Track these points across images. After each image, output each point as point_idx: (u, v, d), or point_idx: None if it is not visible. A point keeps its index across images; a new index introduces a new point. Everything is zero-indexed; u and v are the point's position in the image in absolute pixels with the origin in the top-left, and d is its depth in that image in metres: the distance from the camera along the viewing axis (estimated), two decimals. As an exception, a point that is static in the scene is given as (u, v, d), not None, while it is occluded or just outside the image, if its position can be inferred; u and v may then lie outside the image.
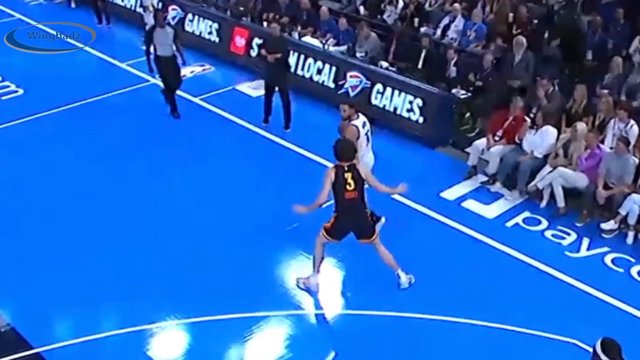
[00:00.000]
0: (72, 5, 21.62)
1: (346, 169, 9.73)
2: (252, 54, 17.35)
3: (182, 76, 15.01)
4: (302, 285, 10.41)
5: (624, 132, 12.34)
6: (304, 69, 16.24)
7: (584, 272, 10.84)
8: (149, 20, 18.49)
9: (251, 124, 14.84)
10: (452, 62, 15.32)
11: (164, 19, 15.06)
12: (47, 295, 10.13)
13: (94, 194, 12.44)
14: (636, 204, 11.44)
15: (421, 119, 14.40)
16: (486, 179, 13.10)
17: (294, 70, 15.84)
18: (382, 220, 11.23)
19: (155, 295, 10.13)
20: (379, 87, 15.01)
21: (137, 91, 16.44)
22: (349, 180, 9.69)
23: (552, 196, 12.31)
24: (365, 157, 11.08)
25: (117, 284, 10.34)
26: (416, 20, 17.40)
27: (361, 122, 11.20)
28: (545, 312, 10.03)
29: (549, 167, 12.36)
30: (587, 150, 12.12)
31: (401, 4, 17.78)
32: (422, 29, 17.06)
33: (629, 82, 13.96)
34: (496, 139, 13.05)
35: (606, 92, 13.74)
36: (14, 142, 14.14)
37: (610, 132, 12.63)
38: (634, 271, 10.95)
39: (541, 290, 10.53)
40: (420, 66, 15.70)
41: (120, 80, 16.83)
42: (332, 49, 16.66)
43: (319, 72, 16.06)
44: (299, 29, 17.72)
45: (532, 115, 13.16)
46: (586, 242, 11.59)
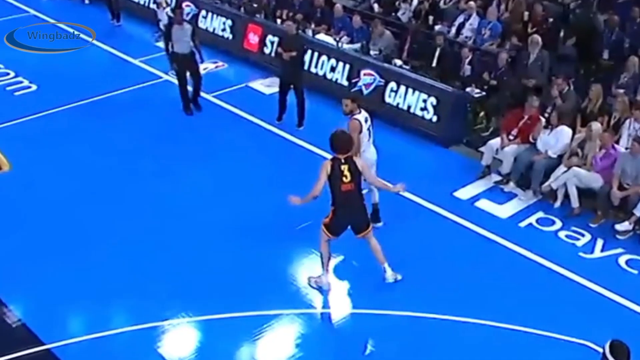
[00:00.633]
0: (86, 1, 21.62)
1: (343, 161, 9.71)
2: (266, 51, 17.32)
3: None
4: (313, 284, 10.38)
5: (639, 132, 12.24)
6: (317, 67, 16.18)
7: (598, 273, 10.75)
8: (162, 16, 18.51)
9: (264, 121, 14.80)
10: (467, 60, 15.23)
11: (181, 16, 14.98)
12: (58, 291, 10.14)
13: (106, 191, 12.44)
14: (651, 205, 11.37)
15: (435, 118, 14.33)
16: (500, 178, 13.02)
17: (307, 67, 15.79)
18: (380, 224, 11.33)
19: (166, 292, 10.13)
20: (392, 85, 14.95)
21: (149, 88, 16.42)
22: (346, 172, 9.68)
23: (567, 196, 12.22)
24: (366, 152, 11.06)
25: (128, 281, 10.33)
26: (431, 18, 17.30)
27: (363, 117, 11.18)
28: (558, 313, 9.96)
29: (563, 167, 12.27)
30: (602, 150, 12.03)
31: (415, 1, 17.71)
32: (437, 27, 16.97)
33: (646, 81, 13.87)
34: (510, 138, 12.97)
35: (622, 91, 13.64)
36: (27, 137, 14.14)
37: (625, 132, 12.54)
38: (649, 273, 10.88)
39: (554, 291, 10.46)
40: (434, 64, 15.61)
41: (133, 76, 16.82)
42: (345, 46, 16.61)
43: (333, 69, 16.01)
44: (313, 26, 17.66)
45: (546, 114, 13.07)
46: (600, 243, 11.49)
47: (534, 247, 11.25)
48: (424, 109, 14.45)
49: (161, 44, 18.30)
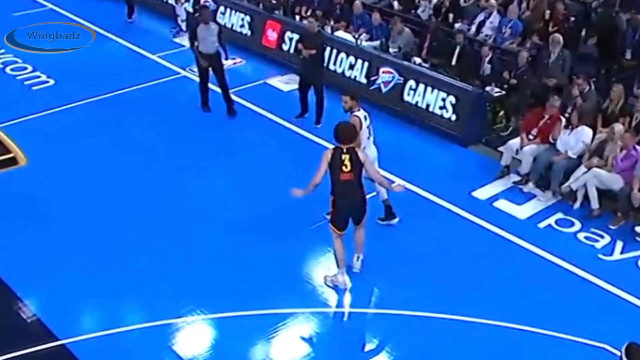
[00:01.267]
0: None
1: (344, 150, 9.78)
2: (284, 47, 17.25)
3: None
4: (329, 282, 10.33)
5: (661, 133, 12.12)
6: (336, 64, 16.09)
7: (617, 275, 10.64)
8: (181, 12, 18.52)
9: (282, 118, 14.74)
10: (487, 59, 15.11)
11: (208, 15, 14.89)
12: (74, 286, 10.14)
13: (123, 186, 12.42)
14: (673, 207, 11.23)
15: (454, 117, 14.22)
16: (519, 178, 12.91)
17: (326, 65, 15.70)
18: (396, 220, 11.33)
19: (181, 289, 10.11)
20: (411, 83, 14.85)
21: (167, 83, 16.38)
22: (346, 162, 9.74)
23: (586, 197, 12.10)
24: (367, 150, 10.99)
25: (143, 277, 10.32)
26: (451, 15, 17.18)
27: (363, 115, 11.23)
28: (576, 315, 9.88)
29: (583, 168, 12.14)
30: (622, 151, 11.89)
31: (435, -1, 17.62)
32: (457, 25, 16.85)
33: (668, 82, 13.71)
34: (530, 138, 12.85)
35: (644, 92, 13.51)
36: (44, 132, 14.14)
37: (647, 133, 12.40)
38: (669, 276, 10.74)
39: (572, 293, 10.37)
40: (454, 63, 15.50)
41: (150, 72, 16.79)
42: (364, 43, 16.51)
43: (351, 67, 15.91)
44: (332, 23, 17.58)
45: (567, 114, 12.93)
46: (620, 245, 11.37)
47: (552, 249, 11.15)
48: (443, 108, 14.35)
49: (179, 40, 18.36)
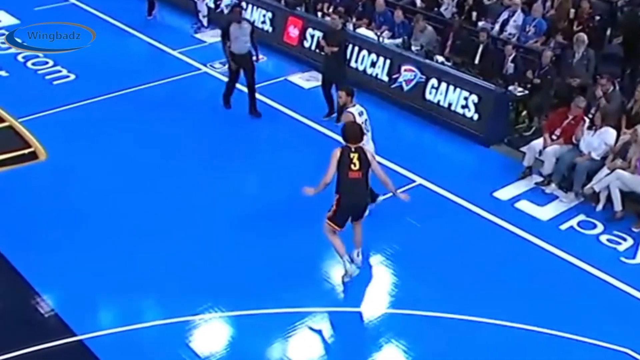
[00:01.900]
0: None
1: (353, 149, 9.91)
2: (306, 44, 17.17)
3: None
4: (346, 279, 10.28)
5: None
6: (357, 62, 16.00)
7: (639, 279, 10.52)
8: (202, 7, 18.48)
9: (302, 115, 14.66)
10: (510, 58, 14.96)
11: (240, 13, 14.79)
12: (92, 282, 10.13)
13: (142, 182, 12.41)
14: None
15: (476, 116, 14.10)
16: (541, 179, 12.77)
17: (347, 62, 15.61)
18: (380, 199, 11.32)
19: (199, 286, 10.10)
20: (433, 82, 14.73)
21: (188, 79, 16.35)
22: (355, 160, 9.87)
23: (609, 200, 11.96)
24: (365, 146, 10.86)
25: (162, 274, 10.30)
26: (474, 14, 17.05)
27: (357, 111, 11.30)
28: (597, 318, 9.80)
29: (606, 170, 12.00)
30: (647, 153, 11.76)
31: (459, -4, 17.48)
32: (480, 23, 16.71)
33: (694, 83, 13.52)
34: (553, 138, 12.71)
35: (669, 93, 13.30)
36: (65, 127, 14.15)
37: (672, 136, 12.22)
38: (692, 280, 10.60)
39: (594, 296, 10.28)
40: (476, 61, 15.36)
41: (171, 68, 16.76)
42: (386, 41, 16.41)
43: (373, 65, 15.82)
44: (354, 20, 17.48)
45: (590, 115, 12.78)
46: (643, 248, 11.25)
47: (574, 251, 11.05)
48: (465, 107, 14.23)
49: (200, 36, 18.33)
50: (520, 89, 14.53)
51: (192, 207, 11.76)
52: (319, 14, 18.10)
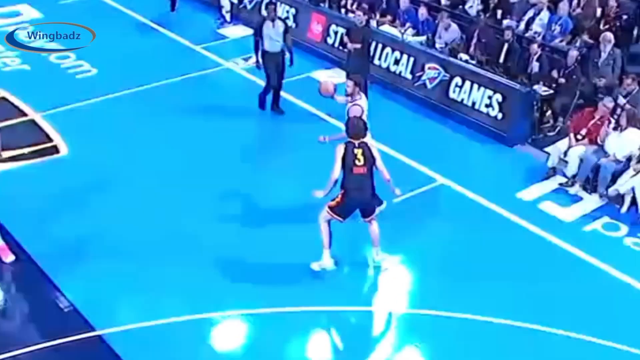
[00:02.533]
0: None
1: (357, 145, 9.92)
2: (329, 41, 17.09)
3: (256, 62, 14.71)
4: (318, 268, 10.33)
5: None
6: (381, 59, 15.90)
7: (666, 283, 10.43)
8: (225, 3, 18.42)
9: (325, 112, 14.55)
10: (535, 57, 14.80)
11: (275, 12, 14.64)
12: (112, 277, 10.12)
13: (163, 177, 12.37)
14: None
15: (500, 115, 13.97)
16: (565, 180, 12.63)
17: (370, 59, 15.52)
18: (383, 205, 11.07)
19: (220, 284, 10.08)
20: (457, 80, 14.61)
21: (210, 75, 16.32)
22: (359, 156, 9.89)
23: (634, 202, 11.82)
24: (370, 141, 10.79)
25: (183, 270, 10.26)
26: (499, 11, 16.90)
27: (365, 103, 11.39)
28: (620, 322, 9.70)
29: (631, 171, 11.86)
30: (673, 155, 11.61)
31: (484, -6, 17.33)
32: (505, 22, 16.55)
33: None
34: (579, 138, 12.57)
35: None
36: (87, 121, 14.15)
37: (698, 137, 12.07)
38: None
39: (618, 299, 10.17)
40: (501, 60, 15.21)
41: (194, 63, 16.74)
42: (410, 39, 16.30)
43: (397, 62, 15.71)
44: (378, 17, 17.39)
45: (616, 116, 12.62)
46: (668, 251, 11.12)
47: (598, 253, 10.94)
48: (489, 106, 14.10)
49: (223, 31, 18.29)
50: (545, 89, 14.37)
51: (211, 204, 11.72)
52: (343, 11, 18.00)
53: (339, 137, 10.59)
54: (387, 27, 16.84)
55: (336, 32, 16.84)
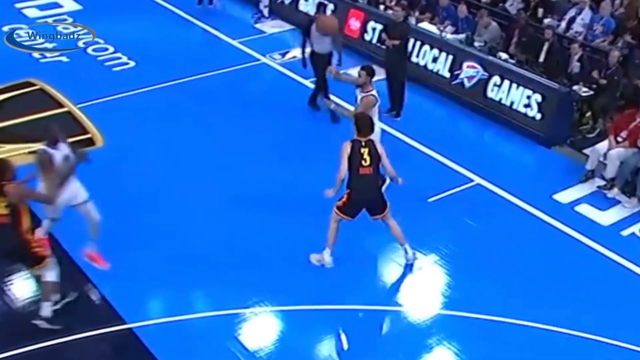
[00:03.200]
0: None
1: (363, 143, 9.83)
2: (366, 37, 16.98)
3: (293, 57, 14.62)
4: (316, 262, 10.30)
5: None
6: (419, 56, 15.76)
7: None
8: (264, -3, 18.42)
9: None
10: (576, 57, 14.58)
11: (324, 12, 14.50)
12: (144, 271, 10.15)
13: (197, 172, 12.36)
14: None
15: (539, 116, 13.77)
16: (603, 183, 12.43)
17: (408, 56, 15.39)
18: (387, 182, 11.03)
19: (251, 280, 10.04)
20: (496, 79, 14.43)
21: (247, 70, 16.27)
22: (365, 155, 9.79)
23: (674, 207, 11.62)
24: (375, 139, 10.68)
25: (215, 265, 10.27)
26: (540, 10, 16.67)
27: (376, 93, 11.35)
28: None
29: (672, 175, 11.65)
30: None
31: (525, -8, 17.10)
32: (546, 21, 16.33)
33: None
34: (619, 140, 12.34)
35: None
36: (123, 114, 14.18)
37: None
38: None
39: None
40: (541, 59, 15.01)
41: (231, 57, 16.71)
42: (449, 36, 16.14)
43: (435, 60, 15.56)
44: (417, 13, 17.24)
45: (658, 118, 12.41)
46: None
47: (635, 258, 10.75)
48: (527, 106, 13.91)
49: (260, 26, 18.27)
50: (585, 89, 14.15)
51: (245, 199, 11.68)
52: (381, 7, 17.87)
53: (350, 80, 11.15)
54: (425, 24, 16.70)
55: (374, 29, 16.73)
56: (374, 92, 11.32)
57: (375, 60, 15.93)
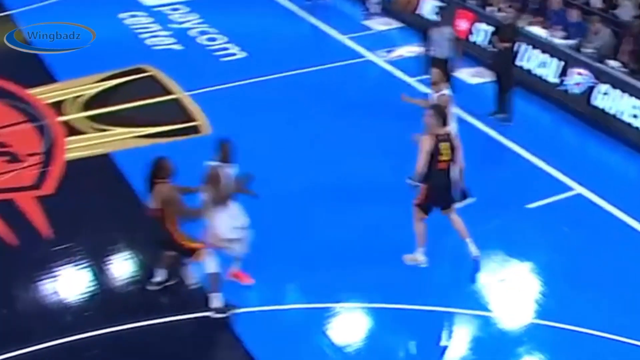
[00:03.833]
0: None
1: (443, 138, 9.76)
2: (474, 39, 16.82)
3: (399, 56, 14.57)
4: (409, 262, 10.27)
5: None
6: (524, 60, 15.54)
7: None
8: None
9: (467, 112, 14.19)
10: (690, 68, 14.15)
11: (446, 17, 14.52)
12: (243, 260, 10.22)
13: (302, 164, 12.54)
14: None
15: (646, 127, 13.45)
16: None
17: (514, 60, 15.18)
18: (470, 199, 11.02)
19: (345, 275, 10.08)
20: (604, 87, 14.11)
21: (353, 66, 16.37)
22: (444, 150, 9.75)
23: None
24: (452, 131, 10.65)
25: (311, 258, 10.37)
26: (656, 18, 16.20)
27: (450, 92, 11.29)
28: None
29: None
30: None
31: (640, -1, 16.63)
32: (662, 29, 15.87)
33: None
34: None
35: None
36: (231, 104, 14.48)
37: None
38: None
39: None
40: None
41: (337, 53, 16.85)
42: (559, 41, 15.86)
43: (543, 65, 15.33)
44: (527, 17, 16.97)
45: None
46: None
47: None
48: (635, 117, 13.57)
49: (368, 23, 18.32)
50: (697, 102, 13.72)
51: (344, 195, 11.76)
52: (491, 9, 17.67)
53: (420, 104, 10.98)
54: (535, 28, 16.43)
55: (482, 31, 16.57)
56: (448, 92, 11.26)
57: (481, 62, 15.85)
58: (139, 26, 18.04)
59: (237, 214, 9.57)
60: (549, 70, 15.21)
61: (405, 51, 14.88)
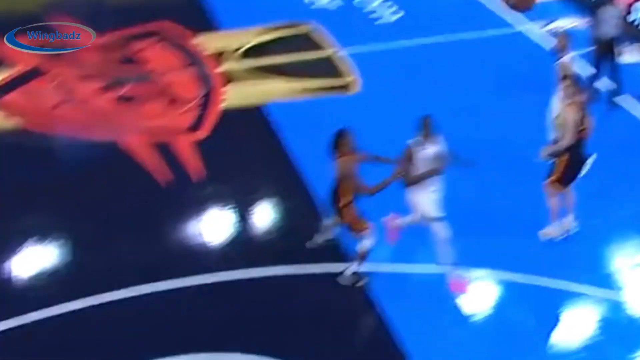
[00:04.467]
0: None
1: (583, 106, 9.56)
2: (631, 19, 16.09)
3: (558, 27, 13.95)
4: (545, 236, 10.21)
5: None
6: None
7: None
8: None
9: (628, 94, 13.62)
10: None
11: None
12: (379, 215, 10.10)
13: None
14: None
15: None
16: None
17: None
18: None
19: (480, 243, 10.04)
20: None
21: (503, 37, 16.12)
22: (584, 118, 9.57)
23: None
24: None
25: (454, 225, 9.84)
26: None
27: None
28: None
29: None
30: None
31: None
32: None
33: None
34: None
35: None
36: (383, 66, 14.60)
37: None
38: None
39: None
40: None
41: (484, 21, 16.73)
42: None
43: None
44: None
45: None
46: None
47: None
48: None
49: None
50: None
51: (491, 165, 11.32)
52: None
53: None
54: None
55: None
56: (569, 56, 11.16)
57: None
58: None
59: (438, 193, 9.44)
60: None
61: (563, 23, 14.31)
